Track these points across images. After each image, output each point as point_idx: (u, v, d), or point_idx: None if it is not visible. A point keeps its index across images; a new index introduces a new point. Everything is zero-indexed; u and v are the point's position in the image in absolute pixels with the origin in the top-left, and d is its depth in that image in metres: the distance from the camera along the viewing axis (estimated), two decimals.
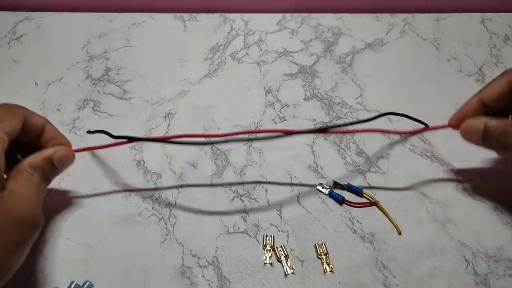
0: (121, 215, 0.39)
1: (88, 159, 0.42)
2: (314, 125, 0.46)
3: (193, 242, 0.37)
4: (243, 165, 0.43)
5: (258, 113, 0.47)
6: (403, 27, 0.57)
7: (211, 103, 0.48)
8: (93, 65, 0.52)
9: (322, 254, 0.36)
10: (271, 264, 0.36)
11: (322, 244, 0.37)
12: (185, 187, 0.41)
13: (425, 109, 0.47)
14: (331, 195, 0.40)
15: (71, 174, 0.41)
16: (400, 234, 0.37)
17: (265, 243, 0.37)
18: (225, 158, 0.43)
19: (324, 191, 0.40)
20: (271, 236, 0.37)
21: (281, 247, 0.37)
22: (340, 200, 0.39)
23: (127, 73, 0.51)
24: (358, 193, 0.40)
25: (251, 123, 0.46)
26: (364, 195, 0.40)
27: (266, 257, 0.36)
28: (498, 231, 0.38)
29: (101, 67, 0.52)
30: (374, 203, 0.39)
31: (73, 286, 0.34)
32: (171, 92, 0.49)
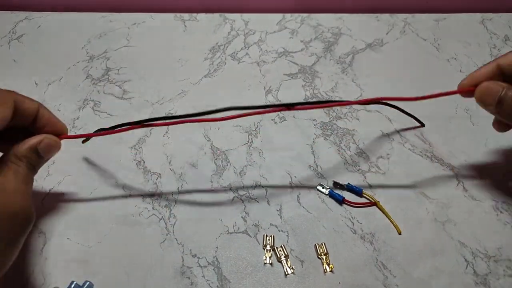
0: (121, 215, 0.39)
1: (88, 159, 0.43)
2: (314, 125, 0.46)
3: (193, 242, 0.37)
4: (243, 165, 0.43)
5: None
6: (403, 27, 0.57)
7: (211, 103, 0.47)
8: (93, 65, 0.52)
9: (322, 254, 0.36)
10: (271, 264, 0.36)
11: (322, 244, 0.37)
12: (185, 187, 0.41)
13: (425, 109, 0.47)
14: (331, 195, 0.40)
15: (71, 174, 0.41)
16: (400, 234, 0.37)
17: (265, 243, 0.37)
18: (225, 158, 0.43)
19: (324, 191, 0.40)
20: (271, 236, 0.37)
21: (281, 247, 0.37)
22: (340, 200, 0.39)
23: (127, 73, 0.51)
24: (358, 193, 0.40)
25: (251, 123, 0.46)
26: (364, 195, 0.40)
27: (266, 257, 0.36)
28: (498, 231, 0.38)
29: (101, 67, 0.52)
30: (374, 203, 0.39)
31: (73, 286, 0.34)
32: (171, 92, 0.49)
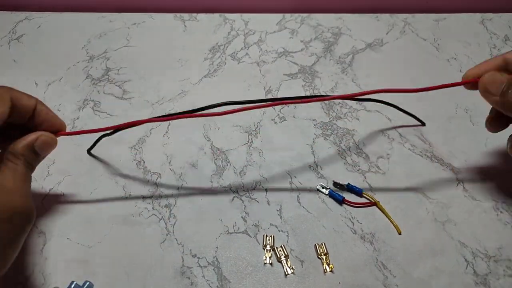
0: (121, 215, 0.39)
1: (88, 159, 0.43)
2: (314, 125, 0.46)
3: (193, 242, 0.37)
4: (243, 165, 0.43)
5: (258, 113, 0.47)
6: (403, 27, 0.57)
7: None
8: (93, 65, 0.52)
9: (322, 254, 0.36)
10: (271, 264, 0.36)
11: (322, 244, 0.37)
12: (185, 187, 0.41)
13: (425, 109, 0.47)
14: (331, 195, 0.40)
15: (71, 174, 0.41)
16: (400, 234, 0.37)
17: (265, 243, 0.37)
18: (225, 158, 0.43)
19: (324, 191, 0.40)
20: (271, 236, 0.37)
21: (281, 247, 0.37)
22: (340, 200, 0.39)
23: (127, 73, 0.51)
24: (358, 193, 0.40)
25: (251, 123, 0.46)
26: (364, 195, 0.40)
27: (266, 257, 0.36)
28: (498, 231, 0.38)
29: (101, 67, 0.52)
30: (374, 203, 0.39)
31: (73, 286, 0.34)
32: (171, 92, 0.49)
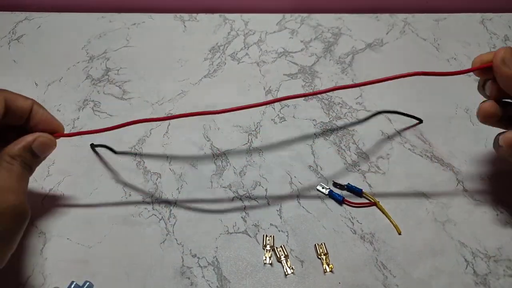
0: (121, 215, 0.39)
1: (88, 159, 0.43)
2: (314, 125, 0.46)
3: (193, 242, 0.37)
4: (243, 165, 0.43)
5: (258, 113, 0.47)
6: (403, 27, 0.57)
7: (211, 103, 0.47)
8: (93, 65, 0.52)
9: (322, 254, 0.36)
10: (271, 264, 0.36)
11: (322, 244, 0.37)
12: (185, 187, 0.41)
13: (425, 109, 0.47)
14: (331, 195, 0.40)
15: (71, 174, 0.41)
16: (400, 234, 0.37)
17: (265, 243, 0.37)
18: (225, 158, 0.43)
19: (324, 191, 0.40)
20: (271, 236, 0.37)
21: (281, 247, 0.37)
22: (340, 200, 0.39)
23: (127, 73, 0.51)
24: (358, 193, 0.40)
25: (251, 123, 0.46)
26: (364, 195, 0.40)
27: (266, 257, 0.36)
28: (498, 231, 0.38)
29: (101, 67, 0.52)
30: (374, 203, 0.39)
31: (73, 286, 0.34)
32: (171, 92, 0.49)
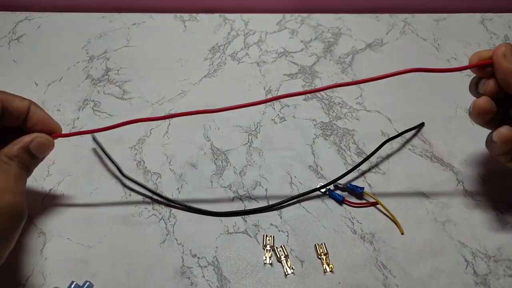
0: (121, 215, 0.39)
1: (88, 159, 0.43)
2: (314, 125, 0.46)
3: (193, 242, 0.37)
4: (243, 165, 0.43)
5: (258, 113, 0.47)
6: (403, 27, 0.57)
7: (211, 103, 0.47)
8: (93, 65, 0.52)
9: (322, 254, 0.36)
10: (271, 264, 0.36)
11: (322, 244, 0.37)
12: (185, 187, 0.41)
13: (425, 109, 0.47)
14: (331, 195, 0.40)
15: (71, 174, 0.41)
16: (403, 234, 0.37)
17: (265, 243, 0.37)
18: (225, 158, 0.43)
19: (324, 191, 0.40)
20: (271, 236, 0.37)
21: (281, 247, 0.37)
22: (340, 200, 0.39)
23: (127, 73, 0.51)
24: (358, 193, 0.40)
25: (251, 123, 0.46)
26: (365, 194, 0.40)
27: (266, 257, 0.36)
28: (498, 231, 0.38)
29: (101, 67, 0.52)
30: (374, 203, 0.39)
31: (73, 286, 0.34)
32: (171, 92, 0.49)
